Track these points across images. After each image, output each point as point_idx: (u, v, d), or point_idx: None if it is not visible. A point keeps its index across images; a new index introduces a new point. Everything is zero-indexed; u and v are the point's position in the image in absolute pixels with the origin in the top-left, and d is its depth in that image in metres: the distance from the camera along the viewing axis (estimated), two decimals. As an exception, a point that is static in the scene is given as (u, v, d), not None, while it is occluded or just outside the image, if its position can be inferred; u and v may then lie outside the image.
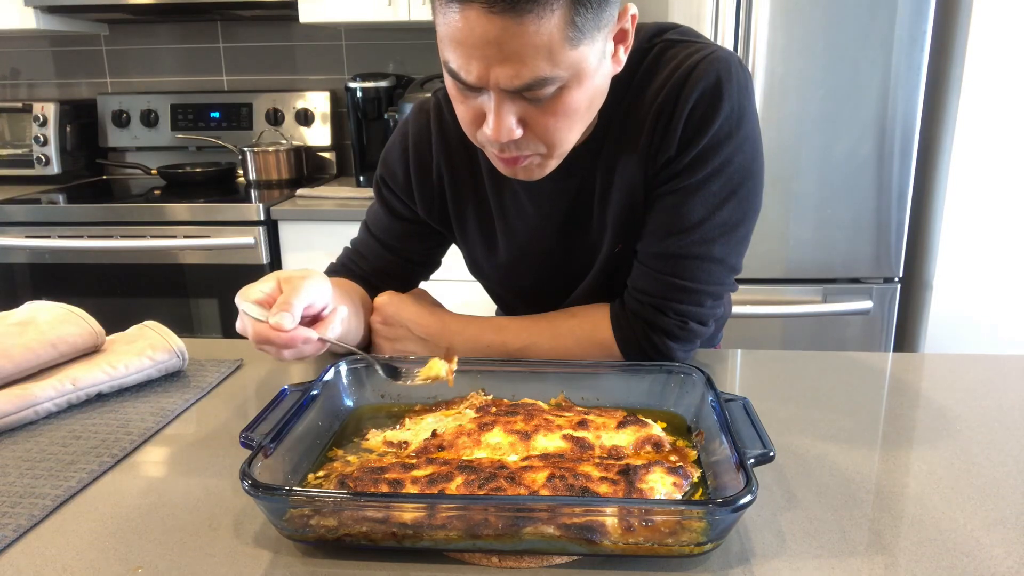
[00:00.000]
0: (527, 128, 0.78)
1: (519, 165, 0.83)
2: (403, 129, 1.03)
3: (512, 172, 0.85)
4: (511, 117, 0.76)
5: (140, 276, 2.25)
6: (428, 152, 1.00)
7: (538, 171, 0.85)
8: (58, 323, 0.91)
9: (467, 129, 0.83)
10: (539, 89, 0.73)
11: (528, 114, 0.77)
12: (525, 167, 0.83)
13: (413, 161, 1.01)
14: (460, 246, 1.08)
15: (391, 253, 1.07)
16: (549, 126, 0.78)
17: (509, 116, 0.76)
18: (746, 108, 0.87)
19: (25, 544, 0.63)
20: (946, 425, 0.83)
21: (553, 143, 0.80)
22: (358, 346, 1.04)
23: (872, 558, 0.60)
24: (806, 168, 2.00)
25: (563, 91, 0.75)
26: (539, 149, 0.81)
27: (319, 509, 0.59)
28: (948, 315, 2.13)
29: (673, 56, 0.88)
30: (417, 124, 1.01)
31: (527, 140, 0.79)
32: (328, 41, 2.72)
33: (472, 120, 0.80)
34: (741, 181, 0.88)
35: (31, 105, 2.54)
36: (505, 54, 0.70)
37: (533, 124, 0.77)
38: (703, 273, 0.90)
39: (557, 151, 0.82)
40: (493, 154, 0.84)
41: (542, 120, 0.77)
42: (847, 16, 1.90)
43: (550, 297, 1.03)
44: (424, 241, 1.07)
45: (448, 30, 0.71)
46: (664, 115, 0.86)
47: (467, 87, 0.75)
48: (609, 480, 0.64)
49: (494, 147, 0.81)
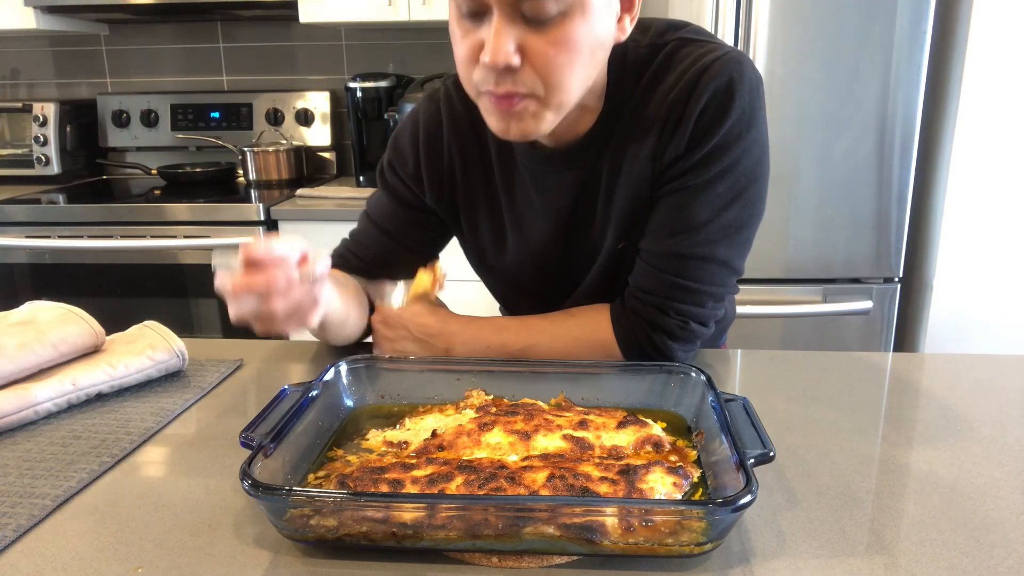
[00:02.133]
0: (526, 59, 0.77)
1: (514, 108, 0.80)
2: (414, 116, 1.03)
3: (506, 127, 0.82)
4: (510, 40, 0.75)
5: (140, 276, 2.25)
6: (439, 138, 1.00)
7: (532, 123, 0.81)
8: (58, 323, 0.91)
9: (464, 71, 0.81)
10: (545, 4, 0.73)
11: (528, 41, 0.76)
12: (519, 115, 0.80)
13: (424, 146, 1.00)
14: (465, 239, 1.07)
15: (392, 241, 1.05)
16: (549, 56, 0.77)
17: (508, 38, 0.75)
18: (756, 111, 0.86)
19: (25, 544, 0.63)
20: (946, 425, 0.83)
21: (551, 81, 0.78)
22: (358, 341, 1.05)
23: (872, 558, 0.60)
24: (806, 168, 2.00)
25: (566, 19, 0.75)
26: (536, 88, 0.78)
27: (319, 509, 0.59)
28: (948, 315, 2.13)
29: (687, 55, 0.87)
30: (428, 111, 1.01)
31: (525, 75, 0.77)
32: (328, 41, 2.72)
33: (470, 55, 0.79)
34: (748, 183, 0.88)
35: (31, 105, 2.54)
36: None
37: (532, 54, 0.76)
38: (706, 274, 0.90)
39: (555, 97, 0.79)
40: (489, 103, 0.81)
41: (543, 49, 0.76)
42: (847, 16, 1.90)
43: (554, 292, 1.03)
44: (427, 231, 1.06)
45: None
46: (675, 113, 0.86)
47: (472, 9, 0.75)
48: (609, 480, 0.64)
49: (490, 82, 0.78)
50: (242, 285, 0.69)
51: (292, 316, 0.72)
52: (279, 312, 0.70)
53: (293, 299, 0.71)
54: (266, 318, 0.71)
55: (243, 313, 0.71)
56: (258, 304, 0.70)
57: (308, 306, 0.73)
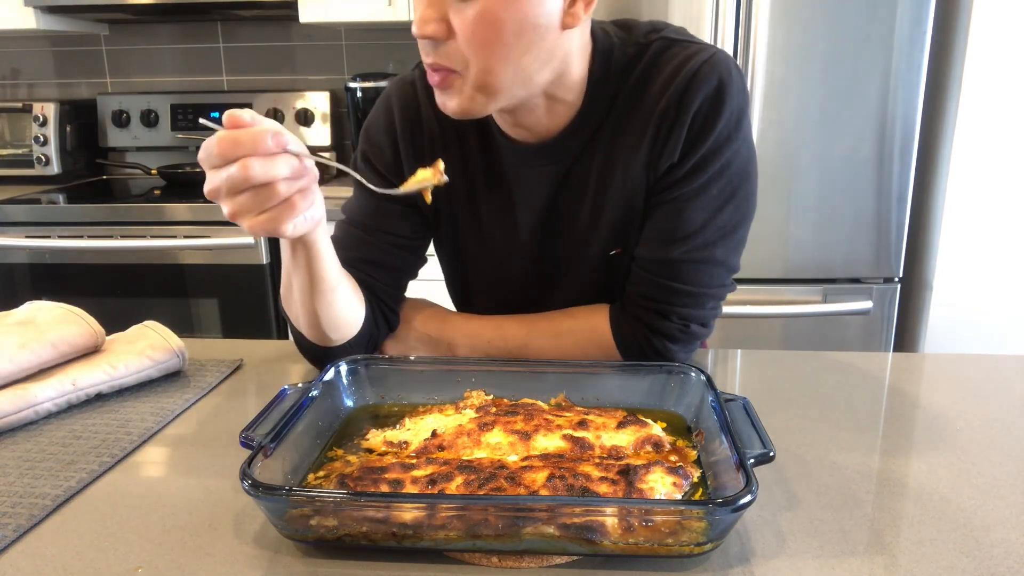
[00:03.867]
0: (452, 34, 0.78)
1: (442, 83, 0.82)
2: (386, 104, 1.00)
3: (443, 102, 0.85)
4: (434, 10, 0.78)
5: (140, 276, 2.25)
6: (418, 123, 0.97)
7: (462, 100, 0.82)
8: (58, 323, 0.91)
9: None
10: None
11: (453, 15, 0.78)
12: (449, 92, 0.83)
13: (401, 132, 0.97)
14: (441, 233, 1.03)
15: (374, 237, 0.98)
16: (470, 33, 0.78)
17: (433, 9, 0.78)
18: (744, 111, 0.88)
19: (25, 544, 0.63)
20: (946, 425, 0.83)
21: (474, 59, 0.79)
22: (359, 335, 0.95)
23: (872, 558, 0.60)
24: (806, 168, 2.00)
25: None
26: (462, 65, 0.80)
27: (319, 509, 0.59)
28: (948, 315, 2.13)
29: (673, 56, 0.88)
30: (403, 97, 0.98)
31: (451, 50, 0.79)
32: (328, 41, 2.72)
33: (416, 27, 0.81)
34: (740, 183, 0.89)
35: (31, 105, 2.54)
36: None
37: (457, 29, 0.78)
38: (705, 276, 0.90)
39: (480, 76, 0.80)
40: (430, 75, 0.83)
41: (464, 25, 0.77)
42: (847, 16, 1.90)
43: (527, 299, 1.01)
44: (408, 221, 0.99)
45: None
46: (667, 121, 0.87)
47: None
48: (609, 480, 0.64)
49: (425, 54, 0.82)
50: (228, 139, 0.65)
51: (267, 200, 0.67)
52: (256, 177, 0.65)
53: (272, 172, 0.65)
54: (240, 183, 0.65)
55: (219, 181, 0.66)
56: (238, 170, 0.65)
57: (286, 207, 0.68)
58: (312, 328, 0.90)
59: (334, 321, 0.89)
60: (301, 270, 0.82)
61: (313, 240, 0.79)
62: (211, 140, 0.66)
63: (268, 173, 0.65)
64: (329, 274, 0.84)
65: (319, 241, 0.80)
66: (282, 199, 0.68)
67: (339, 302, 0.88)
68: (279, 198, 0.67)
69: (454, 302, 1.14)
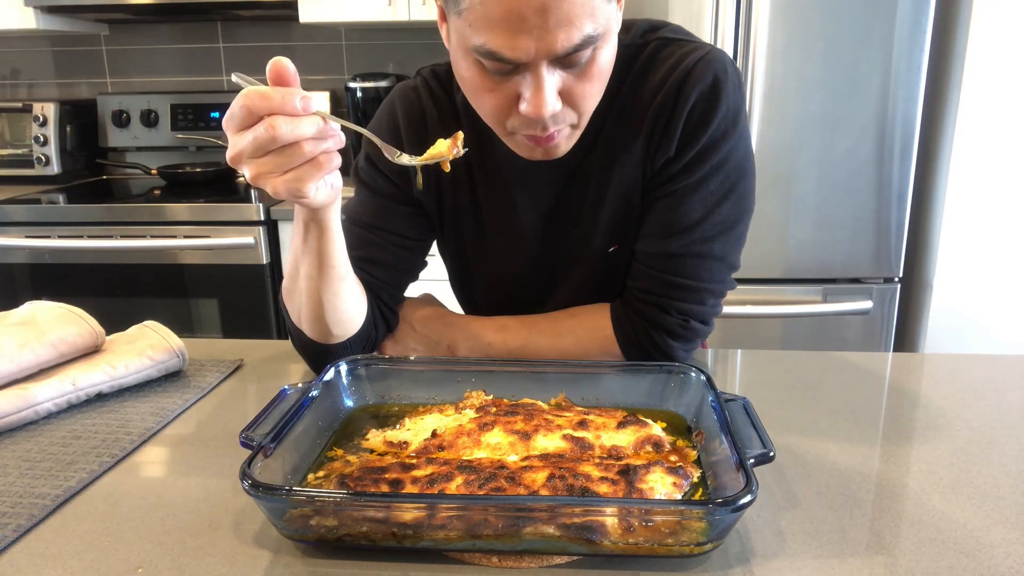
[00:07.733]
0: (563, 99, 0.77)
1: (552, 143, 0.81)
2: (390, 109, 0.99)
3: (533, 153, 0.83)
4: (554, 90, 0.75)
5: (140, 276, 2.25)
6: (423, 127, 0.97)
7: (565, 145, 0.83)
8: (58, 323, 0.91)
9: (494, 118, 0.81)
10: (585, 49, 0.73)
11: (565, 83, 0.76)
12: (554, 144, 0.82)
13: (407, 136, 0.97)
14: (445, 236, 1.04)
15: (378, 236, 0.98)
16: (585, 92, 0.77)
17: (552, 89, 0.75)
18: (740, 107, 0.88)
19: (25, 544, 0.63)
20: (946, 425, 0.83)
21: (585, 110, 0.80)
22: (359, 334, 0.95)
23: (872, 558, 0.60)
24: (806, 168, 2.00)
25: (596, 51, 0.75)
26: (571, 119, 0.80)
27: (319, 509, 0.59)
28: (948, 315, 2.13)
29: (669, 55, 0.89)
30: (406, 102, 0.98)
31: (563, 113, 0.78)
32: (328, 41, 2.72)
33: (502, 106, 0.78)
34: (738, 178, 0.89)
35: (31, 105, 2.54)
36: (557, 18, 0.69)
37: (569, 93, 0.77)
38: (704, 271, 0.90)
39: (585, 119, 0.81)
40: (521, 139, 0.82)
41: (579, 87, 0.77)
42: (847, 16, 1.90)
43: (530, 299, 1.01)
44: (412, 222, 1.00)
45: (487, 11, 0.70)
46: (663, 117, 0.87)
47: (503, 69, 0.74)
48: (609, 480, 0.64)
49: (532, 128, 0.79)
50: (257, 93, 0.64)
51: (292, 160, 0.66)
52: (283, 136, 0.64)
53: (299, 131, 0.64)
54: (266, 143, 0.65)
55: (243, 144, 0.65)
56: (265, 130, 0.64)
57: (312, 166, 0.68)
58: (315, 321, 0.89)
59: (339, 314, 0.88)
60: (312, 255, 0.82)
61: (327, 219, 0.79)
62: (236, 102, 0.65)
63: (295, 132, 0.64)
64: (339, 260, 0.84)
65: (332, 221, 0.79)
66: (308, 158, 0.67)
67: (346, 293, 0.87)
68: (305, 157, 0.67)
69: (458, 300, 1.14)
